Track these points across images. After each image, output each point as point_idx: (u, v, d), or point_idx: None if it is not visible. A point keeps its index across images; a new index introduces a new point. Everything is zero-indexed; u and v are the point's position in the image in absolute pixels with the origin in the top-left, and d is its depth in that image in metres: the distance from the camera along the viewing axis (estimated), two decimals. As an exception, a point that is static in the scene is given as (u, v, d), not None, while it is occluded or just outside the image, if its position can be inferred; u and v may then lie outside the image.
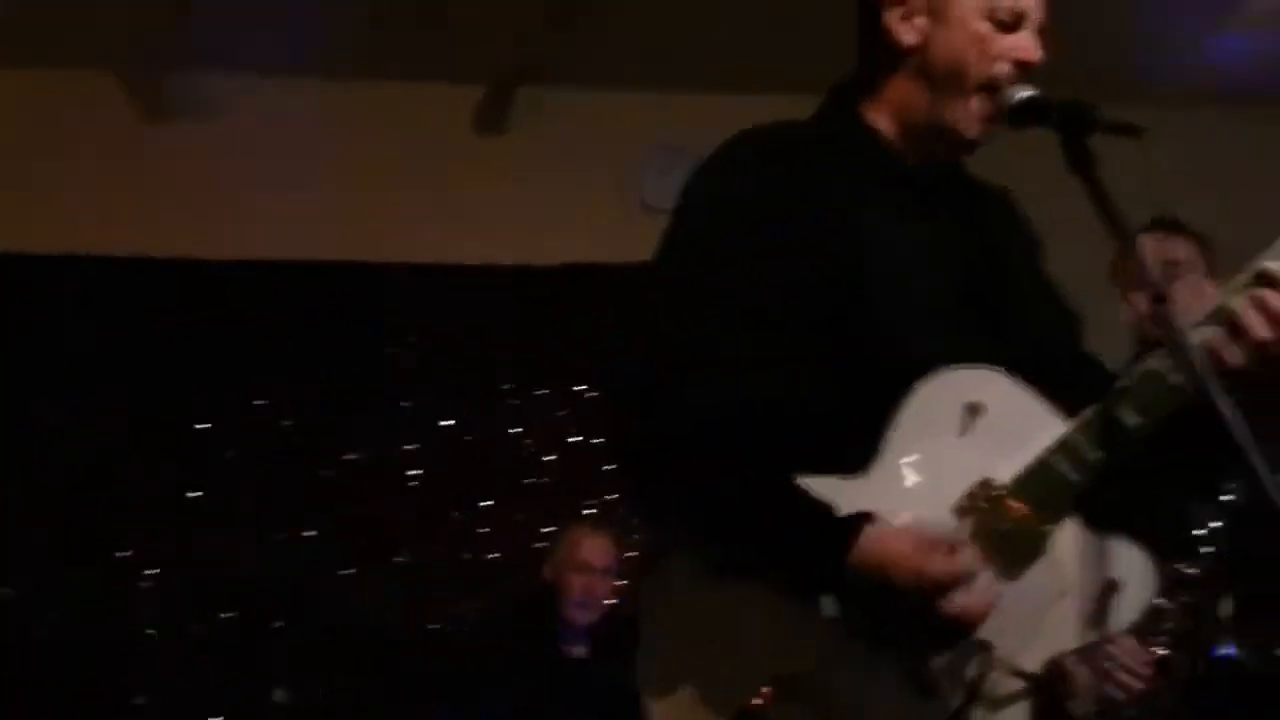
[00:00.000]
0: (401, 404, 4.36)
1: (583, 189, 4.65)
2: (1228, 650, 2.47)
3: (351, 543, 4.20)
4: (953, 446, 1.58)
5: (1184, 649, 2.42)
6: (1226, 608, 2.44)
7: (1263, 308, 1.54)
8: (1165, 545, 1.48)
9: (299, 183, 4.44)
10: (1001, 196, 1.89)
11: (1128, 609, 1.58)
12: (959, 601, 1.46)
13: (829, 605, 1.49)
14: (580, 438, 4.46)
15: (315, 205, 4.45)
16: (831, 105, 1.81)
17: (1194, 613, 2.41)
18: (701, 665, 1.54)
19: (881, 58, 1.75)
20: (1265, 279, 1.55)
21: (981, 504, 1.55)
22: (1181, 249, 2.77)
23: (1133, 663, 2.43)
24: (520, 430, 4.41)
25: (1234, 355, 1.54)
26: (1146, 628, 2.40)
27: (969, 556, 1.49)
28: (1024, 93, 1.65)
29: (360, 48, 4.47)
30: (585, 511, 4.31)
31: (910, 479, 1.56)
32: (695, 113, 4.56)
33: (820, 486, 1.52)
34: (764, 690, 1.49)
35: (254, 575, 3.91)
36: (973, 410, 1.58)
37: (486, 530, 4.32)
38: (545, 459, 4.40)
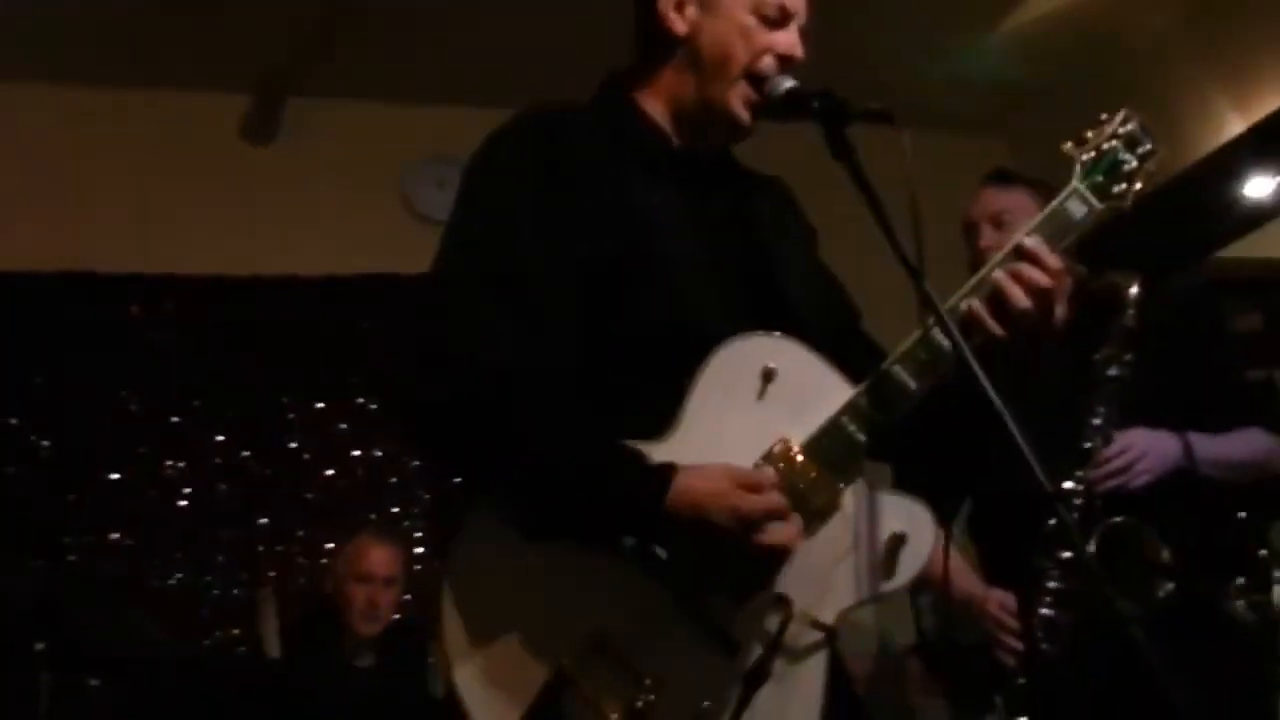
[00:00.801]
0: (171, 419, 4.18)
1: (352, 199, 4.60)
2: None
3: (121, 563, 4.01)
4: (750, 410, 1.64)
5: (1068, 607, 2.49)
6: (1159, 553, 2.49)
7: (1020, 279, 1.68)
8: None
9: (59, 193, 4.28)
10: (773, 184, 2.00)
11: (912, 560, 1.68)
12: (772, 534, 1.52)
13: (629, 541, 1.54)
14: (359, 451, 4.38)
15: (77, 215, 4.27)
16: (606, 90, 1.89)
17: (1074, 569, 2.48)
18: (510, 627, 1.56)
19: (654, 46, 1.85)
20: (1023, 253, 1.71)
21: (779, 464, 1.62)
22: (1010, 200, 2.82)
23: (1006, 619, 2.56)
24: (296, 445, 4.30)
25: (996, 325, 1.68)
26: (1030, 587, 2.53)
27: (777, 494, 1.56)
28: (787, 84, 1.76)
29: (124, 53, 4.31)
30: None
31: (710, 441, 1.60)
32: (465, 126, 4.54)
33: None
34: (566, 660, 1.52)
35: (15, 594, 3.68)
36: (767, 375, 1.65)
37: (262, 548, 4.19)
38: (324, 473, 4.29)
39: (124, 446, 4.13)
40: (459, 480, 1.76)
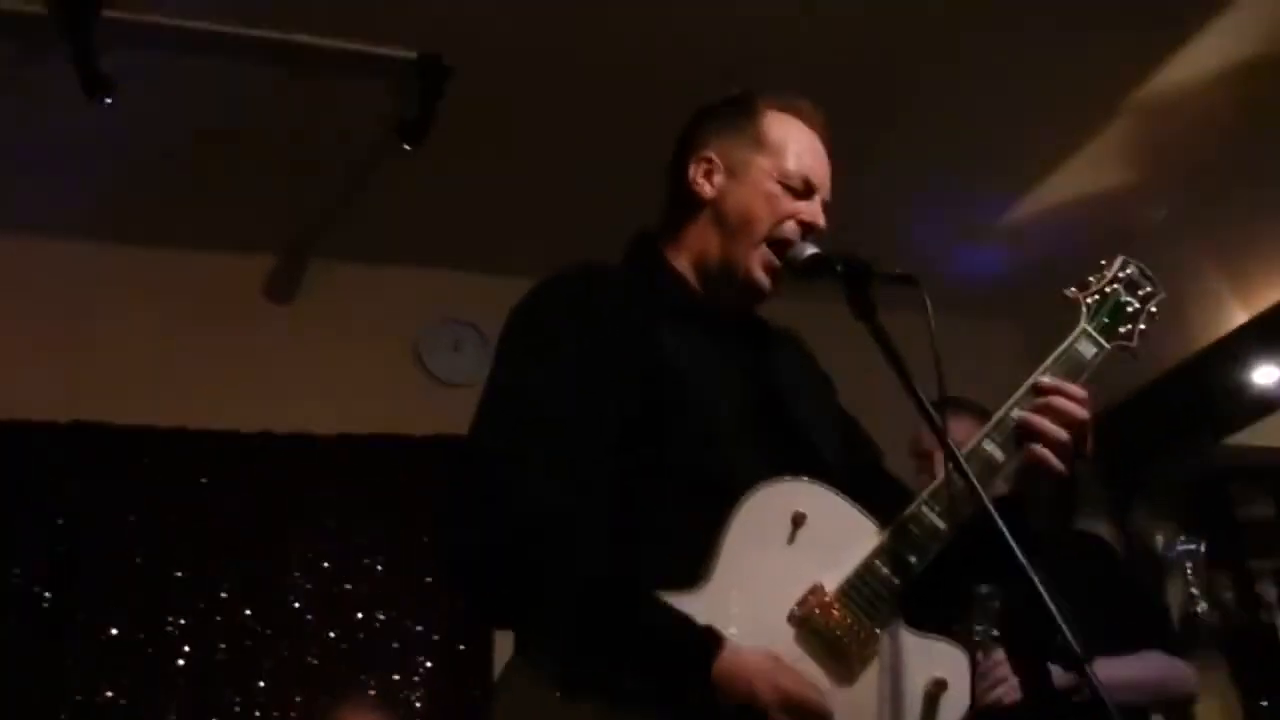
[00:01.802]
0: (175, 574, 4.13)
1: (367, 360, 4.66)
2: None
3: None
4: (782, 555, 1.65)
5: None
6: None
7: (1050, 411, 1.72)
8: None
9: (80, 345, 4.34)
10: (788, 334, 2.07)
11: (954, 707, 1.66)
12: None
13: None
14: (361, 614, 4.32)
15: (93, 368, 4.33)
16: (636, 246, 1.99)
17: None
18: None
19: (683, 206, 1.96)
20: (1044, 389, 1.75)
21: (814, 611, 1.63)
22: (962, 429, 2.96)
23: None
24: (299, 605, 4.24)
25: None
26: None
27: (816, 687, 1.56)
28: (810, 249, 1.84)
29: (147, 213, 4.45)
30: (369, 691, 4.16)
31: (744, 589, 1.61)
32: (479, 291, 4.69)
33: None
34: None
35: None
36: (797, 520, 1.66)
37: (259, 712, 4.09)
38: (327, 635, 4.22)
39: (125, 601, 4.06)
40: (463, 648, 1.76)
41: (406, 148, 3.88)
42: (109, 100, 3.49)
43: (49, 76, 3.64)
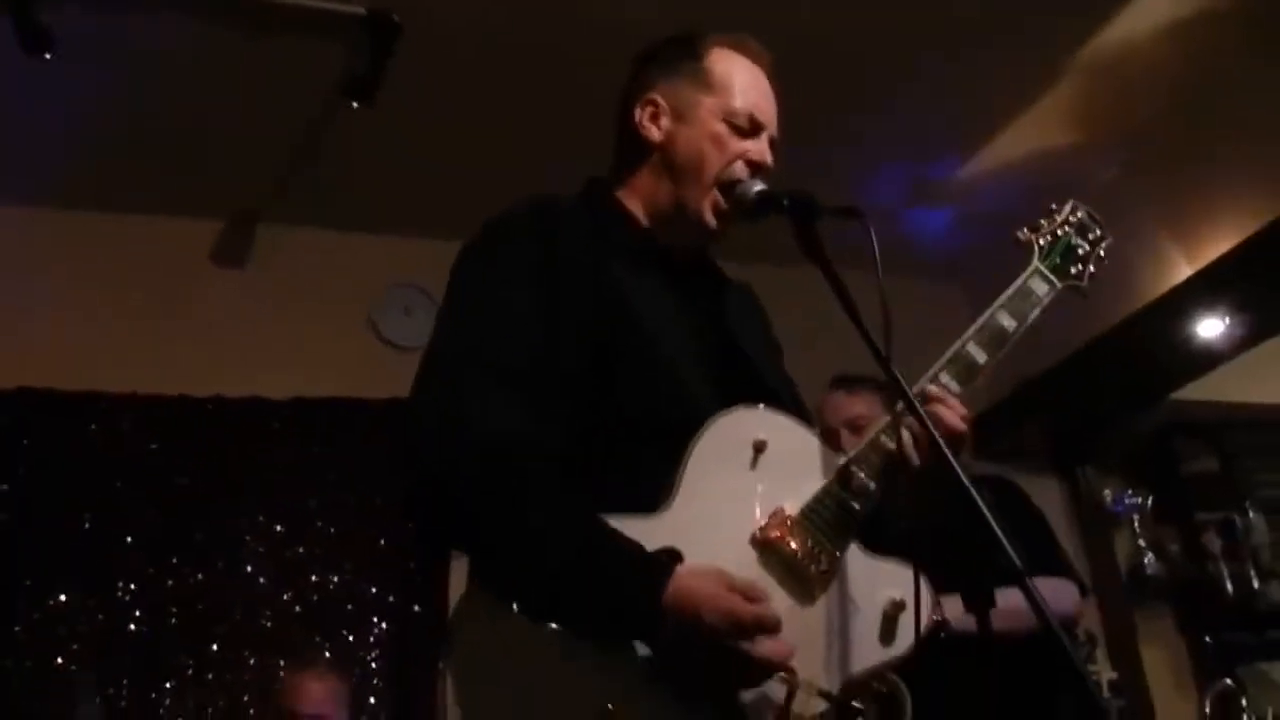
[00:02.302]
0: (126, 539, 4.10)
1: (320, 324, 4.63)
2: None
3: (65, 688, 3.87)
4: (744, 480, 1.68)
5: None
6: None
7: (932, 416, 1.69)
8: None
9: (26, 311, 4.28)
10: (744, 288, 2.07)
11: (910, 626, 1.68)
12: (765, 647, 1.52)
13: (641, 647, 1.52)
14: (316, 577, 4.30)
15: (41, 334, 4.27)
16: (589, 189, 1.98)
17: None
18: (517, 708, 1.52)
19: (631, 151, 1.95)
20: (929, 397, 1.77)
21: (774, 533, 1.65)
22: (862, 404, 3.00)
23: None
24: (251, 569, 4.22)
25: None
26: None
27: (770, 607, 1.56)
28: (758, 187, 1.85)
29: (94, 178, 4.38)
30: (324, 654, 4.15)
31: (707, 513, 1.63)
32: (433, 256, 4.64)
33: (621, 525, 1.56)
34: None
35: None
36: (758, 446, 1.69)
37: (212, 675, 4.07)
38: (281, 598, 4.20)
39: (75, 567, 4.02)
40: (418, 609, 1.76)
41: (355, 105, 3.84)
42: (48, 56, 3.42)
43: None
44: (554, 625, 1.52)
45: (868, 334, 1.67)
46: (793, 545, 1.64)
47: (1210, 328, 4.41)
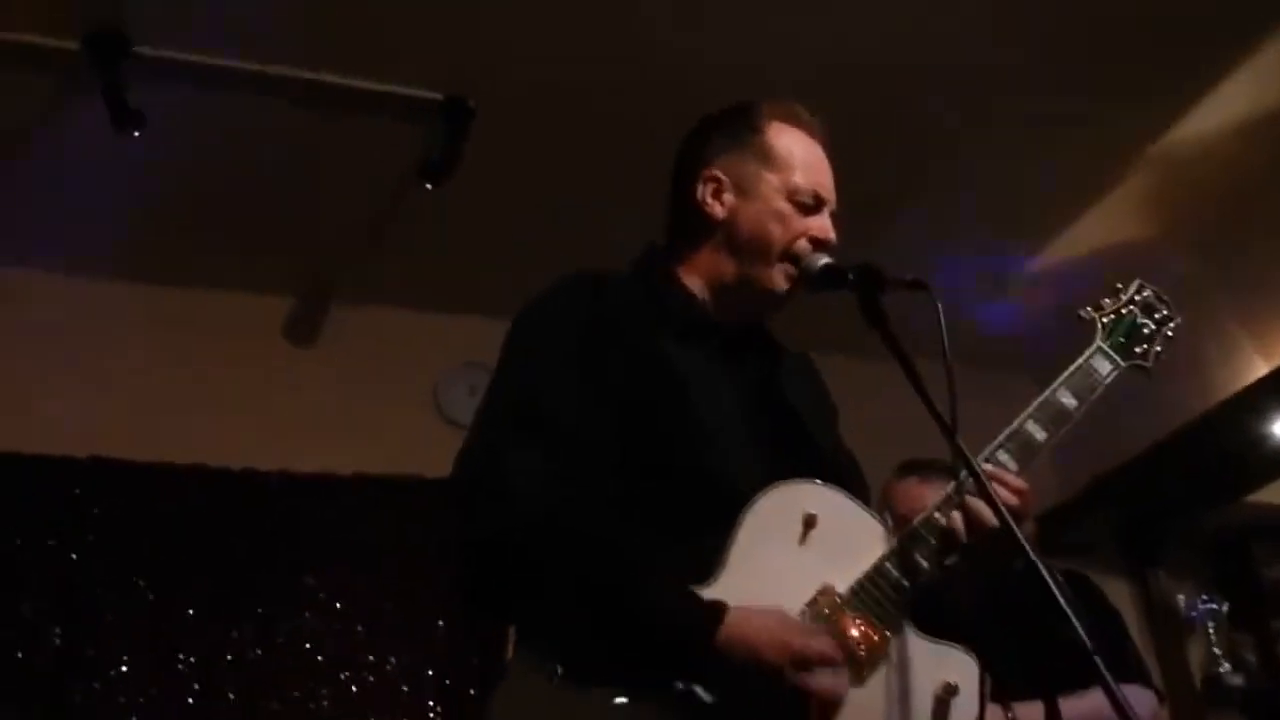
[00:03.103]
0: (188, 611, 4.12)
1: (386, 402, 4.67)
2: None
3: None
4: (792, 555, 1.65)
5: None
6: None
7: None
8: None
9: (103, 382, 4.37)
10: (802, 358, 2.06)
11: (965, 711, 1.64)
12: (822, 680, 1.50)
13: (680, 686, 1.49)
14: (374, 657, 4.28)
15: (113, 404, 4.35)
16: (647, 262, 1.97)
17: None
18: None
19: (692, 226, 1.94)
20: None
21: (824, 610, 1.62)
22: (937, 491, 2.95)
23: None
24: (310, 646, 4.20)
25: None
26: None
27: (829, 641, 1.54)
28: (824, 260, 1.84)
29: (171, 252, 4.50)
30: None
31: (755, 586, 1.59)
32: (499, 337, 4.69)
33: None
34: None
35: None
36: (809, 521, 1.66)
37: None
38: (339, 676, 4.18)
39: (135, 638, 4.05)
40: (472, 692, 1.75)
41: (429, 187, 3.91)
42: (137, 134, 3.52)
43: (79, 112, 3.71)
44: (604, 687, 1.50)
45: (932, 405, 1.65)
46: (841, 624, 1.61)
47: (1287, 426, 4.31)
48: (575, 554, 1.57)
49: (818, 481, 1.71)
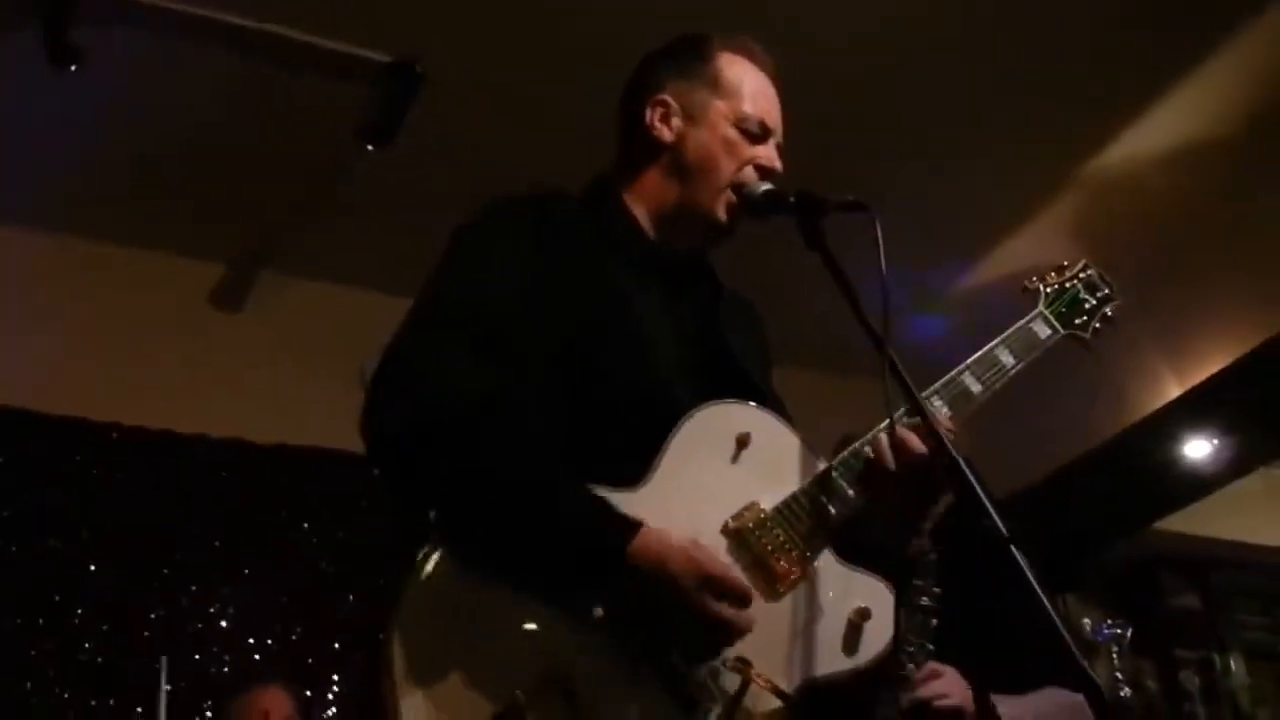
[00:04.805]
0: (89, 567, 4.03)
1: (310, 374, 4.61)
2: None
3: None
4: (722, 471, 1.64)
5: None
6: None
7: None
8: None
9: (14, 332, 4.28)
10: (746, 303, 2.05)
11: (875, 638, 1.64)
12: (728, 610, 1.50)
13: (597, 609, 1.49)
14: (279, 626, 4.21)
15: (34, 357, 4.24)
16: (595, 187, 1.96)
17: None
18: (459, 663, 1.47)
19: (640, 151, 1.93)
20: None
21: (747, 525, 1.62)
22: None
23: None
24: (213, 610, 4.13)
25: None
26: None
27: (741, 575, 1.54)
28: (764, 186, 1.85)
29: (102, 207, 4.42)
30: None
31: (682, 496, 1.59)
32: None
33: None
34: (520, 693, 1.44)
35: None
36: (741, 440, 1.66)
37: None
38: (245, 643, 4.11)
39: (30, 589, 3.95)
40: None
41: (370, 148, 3.89)
42: (73, 68, 3.47)
43: (16, 49, 3.63)
44: (512, 578, 1.49)
45: (868, 322, 1.66)
46: (762, 539, 1.61)
47: (1197, 449, 4.41)
48: (499, 450, 1.55)
49: (753, 404, 1.72)
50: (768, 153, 1.91)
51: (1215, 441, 4.37)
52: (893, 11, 3.60)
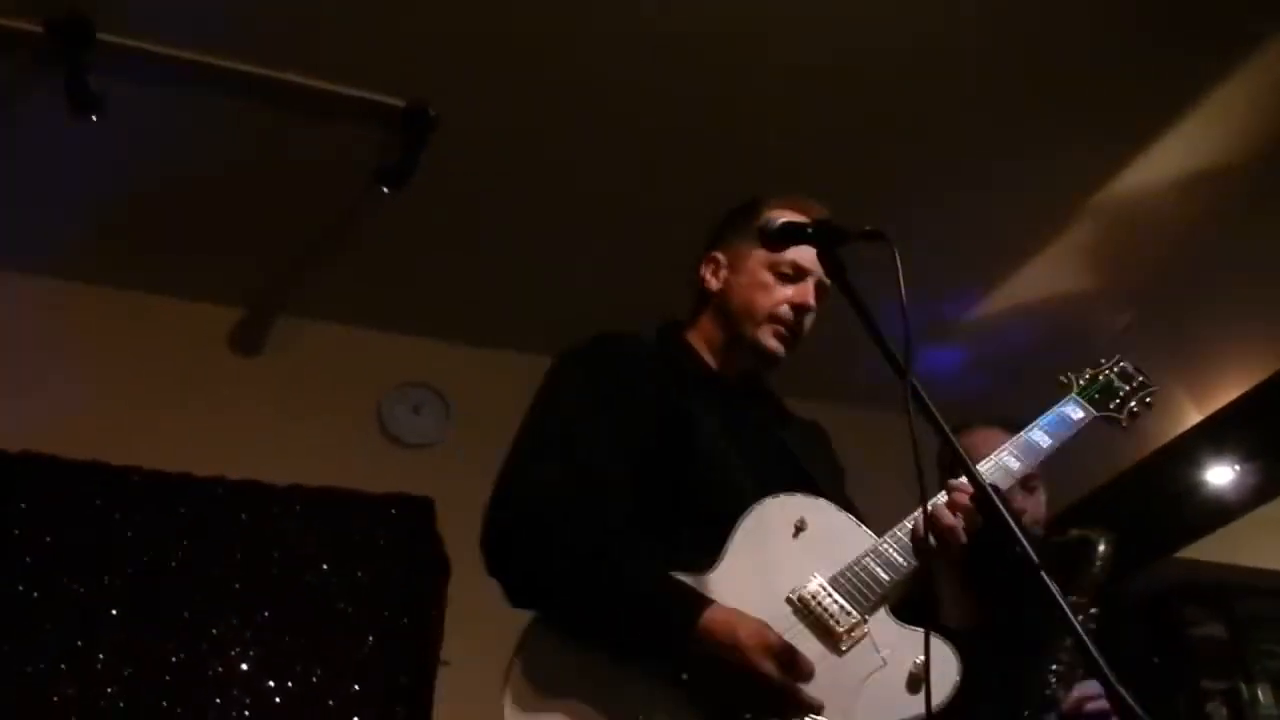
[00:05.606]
0: (111, 611, 4.03)
1: (328, 417, 4.64)
2: None
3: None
4: (783, 550, 1.89)
5: None
6: None
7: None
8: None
9: (35, 378, 4.33)
10: (812, 424, 2.35)
11: (939, 687, 1.79)
12: (791, 679, 1.70)
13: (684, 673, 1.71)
14: (300, 666, 4.20)
15: (52, 403, 4.30)
16: (663, 329, 2.30)
17: None
18: (562, 708, 1.72)
19: (698, 299, 2.29)
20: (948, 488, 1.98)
21: (809, 593, 1.84)
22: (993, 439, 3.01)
23: None
24: (235, 653, 4.12)
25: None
26: None
27: (807, 642, 1.76)
28: (781, 219, 1.99)
29: (120, 255, 4.47)
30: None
31: (748, 574, 1.84)
32: (442, 357, 4.75)
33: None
34: None
35: None
36: (799, 526, 1.91)
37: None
38: (265, 685, 4.09)
39: (53, 633, 3.96)
40: (399, 709, 1.99)
41: (385, 190, 3.92)
42: (95, 118, 3.52)
43: (35, 100, 3.69)
44: (611, 649, 1.74)
45: (889, 350, 1.70)
46: (823, 605, 1.82)
47: (1219, 475, 4.39)
48: (580, 541, 1.81)
49: (809, 495, 1.96)
50: (800, 290, 2.19)
51: (1238, 467, 4.34)
52: (905, 43, 3.62)
